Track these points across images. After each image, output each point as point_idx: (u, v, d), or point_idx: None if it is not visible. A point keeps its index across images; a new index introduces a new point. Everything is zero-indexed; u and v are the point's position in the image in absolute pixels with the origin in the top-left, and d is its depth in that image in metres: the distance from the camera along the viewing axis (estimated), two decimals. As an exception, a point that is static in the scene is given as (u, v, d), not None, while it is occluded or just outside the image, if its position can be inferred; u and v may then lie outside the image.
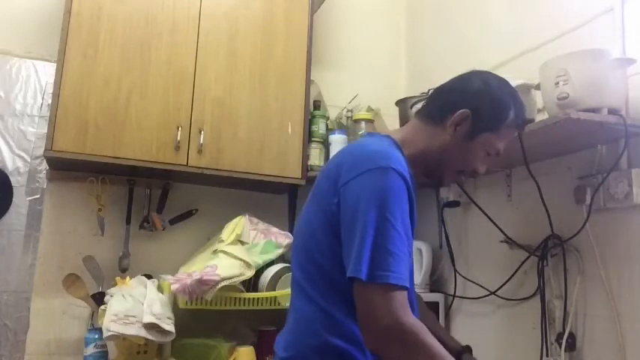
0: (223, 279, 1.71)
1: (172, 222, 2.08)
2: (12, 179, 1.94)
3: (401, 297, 0.95)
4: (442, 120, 1.14)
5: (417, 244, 2.03)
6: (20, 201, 1.94)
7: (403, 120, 1.89)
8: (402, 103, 1.93)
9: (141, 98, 1.82)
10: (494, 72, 1.21)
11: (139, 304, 1.69)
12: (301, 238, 1.15)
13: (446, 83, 1.21)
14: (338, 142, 2.11)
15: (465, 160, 1.16)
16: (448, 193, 1.97)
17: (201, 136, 1.87)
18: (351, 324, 1.01)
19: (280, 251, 1.90)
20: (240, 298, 1.80)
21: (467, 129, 1.12)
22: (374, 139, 1.16)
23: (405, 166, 1.05)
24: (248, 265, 1.79)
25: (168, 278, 1.78)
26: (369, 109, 2.29)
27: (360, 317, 0.96)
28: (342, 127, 2.28)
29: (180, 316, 1.77)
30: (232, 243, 1.87)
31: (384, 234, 0.96)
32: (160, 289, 1.81)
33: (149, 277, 1.90)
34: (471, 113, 1.12)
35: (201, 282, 1.69)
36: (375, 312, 0.94)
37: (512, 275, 1.68)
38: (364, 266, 0.94)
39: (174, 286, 1.70)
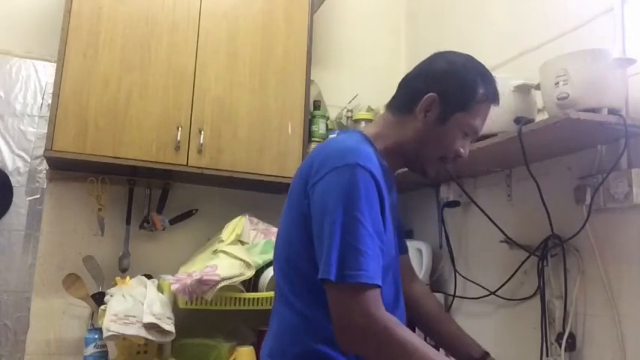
0: (223, 279, 1.71)
1: (172, 222, 2.08)
2: (12, 179, 1.94)
3: (372, 295, 0.93)
4: (411, 108, 1.12)
5: (417, 244, 2.03)
6: (20, 201, 1.94)
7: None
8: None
9: (141, 98, 1.82)
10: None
11: (139, 304, 1.69)
12: (280, 242, 1.13)
13: (411, 71, 1.19)
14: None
15: (443, 145, 1.13)
16: (448, 193, 1.97)
17: (201, 136, 1.87)
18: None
19: (280, 251, 1.90)
20: (240, 298, 1.80)
21: (437, 113, 1.10)
22: (343, 136, 1.15)
23: (376, 161, 1.03)
24: (248, 265, 1.79)
25: (169, 278, 1.78)
26: (369, 109, 2.28)
27: (333, 318, 0.95)
28: (342, 127, 2.28)
29: (180, 316, 1.77)
30: (232, 243, 1.87)
31: (352, 233, 0.94)
32: (160, 289, 1.81)
33: (149, 277, 1.90)
34: (438, 96, 1.10)
35: (201, 282, 1.69)
36: (347, 312, 0.93)
37: (512, 275, 1.68)
38: (333, 267, 0.92)
39: (174, 286, 1.70)
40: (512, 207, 1.74)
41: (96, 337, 1.75)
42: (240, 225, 1.94)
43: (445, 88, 1.10)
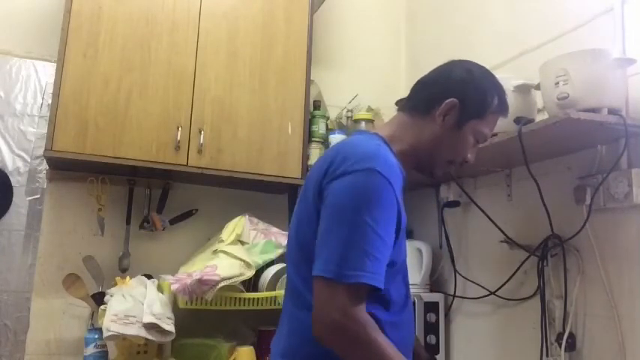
0: (223, 279, 1.71)
1: (172, 222, 2.08)
2: (12, 179, 1.94)
3: (357, 293, 0.94)
4: (429, 111, 1.15)
5: (417, 244, 2.03)
6: (20, 201, 1.94)
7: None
8: (401, 103, 1.92)
9: (141, 98, 1.82)
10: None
11: (139, 304, 1.69)
12: (294, 240, 1.14)
13: (428, 75, 1.22)
14: (338, 142, 2.11)
15: (456, 149, 1.17)
16: (448, 193, 1.97)
17: (201, 136, 1.87)
18: None
19: (280, 251, 1.90)
20: (240, 298, 1.79)
21: (455, 118, 1.14)
22: (362, 137, 1.15)
23: (396, 167, 1.04)
24: (248, 265, 1.79)
25: (169, 278, 1.78)
26: (369, 109, 2.29)
27: (313, 307, 0.96)
28: (342, 127, 2.28)
29: (180, 316, 1.77)
30: (232, 243, 1.87)
31: (359, 233, 0.95)
32: (160, 289, 1.81)
33: (149, 277, 1.90)
34: (457, 102, 1.13)
35: (201, 282, 1.69)
36: (327, 305, 0.94)
37: (512, 275, 1.68)
38: (332, 265, 0.94)
39: (174, 286, 1.70)
40: (512, 207, 1.74)
41: (96, 337, 1.75)
42: (240, 225, 1.93)
43: (464, 95, 1.13)
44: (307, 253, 1.07)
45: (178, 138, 1.83)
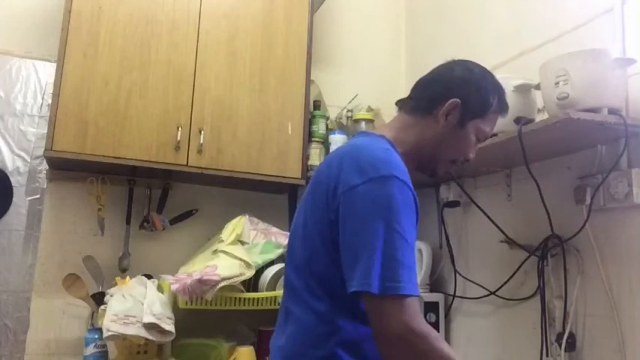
0: (223, 279, 1.71)
1: (172, 222, 2.08)
2: (12, 179, 1.94)
3: (412, 305, 0.94)
4: (431, 111, 1.15)
5: (417, 244, 2.03)
6: (20, 201, 1.94)
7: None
8: (402, 103, 1.92)
9: (141, 98, 1.82)
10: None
11: (138, 304, 1.69)
12: (299, 243, 1.12)
13: (428, 75, 1.22)
14: (338, 142, 2.12)
15: (458, 149, 1.17)
16: (448, 193, 1.97)
17: (201, 136, 1.87)
18: (355, 332, 1.00)
19: (280, 251, 1.90)
20: (240, 298, 1.79)
21: (457, 117, 1.14)
22: (369, 140, 1.13)
23: (406, 170, 1.03)
24: (248, 265, 1.79)
25: (169, 278, 1.78)
26: (369, 109, 2.29)
27: (373, 328, 0.95)
28: (342, 127, 2.28)
29: (180, 316, 1.77)
30: (232, 243, 1.87)
31: (392, 245, 0.94)
32: (160, 289, 1.81)
33: (149, 277, 1.90)
34: (460, 102, 1.13)
35: (201, 282, 1.69)
36: (388, 322, 0.92)
37: (512, 275, 1.68)
38: (375, 279, 0.92)
39: (174, 286, 1.70)
40: (512, 207, 1.74)
41: (96, 337, 1.75)
42: (240, 225, 1.93)
43: (466, 94, 1.14)
44: (313, 259, 1.06)
45: (178, 138, 1.83)
